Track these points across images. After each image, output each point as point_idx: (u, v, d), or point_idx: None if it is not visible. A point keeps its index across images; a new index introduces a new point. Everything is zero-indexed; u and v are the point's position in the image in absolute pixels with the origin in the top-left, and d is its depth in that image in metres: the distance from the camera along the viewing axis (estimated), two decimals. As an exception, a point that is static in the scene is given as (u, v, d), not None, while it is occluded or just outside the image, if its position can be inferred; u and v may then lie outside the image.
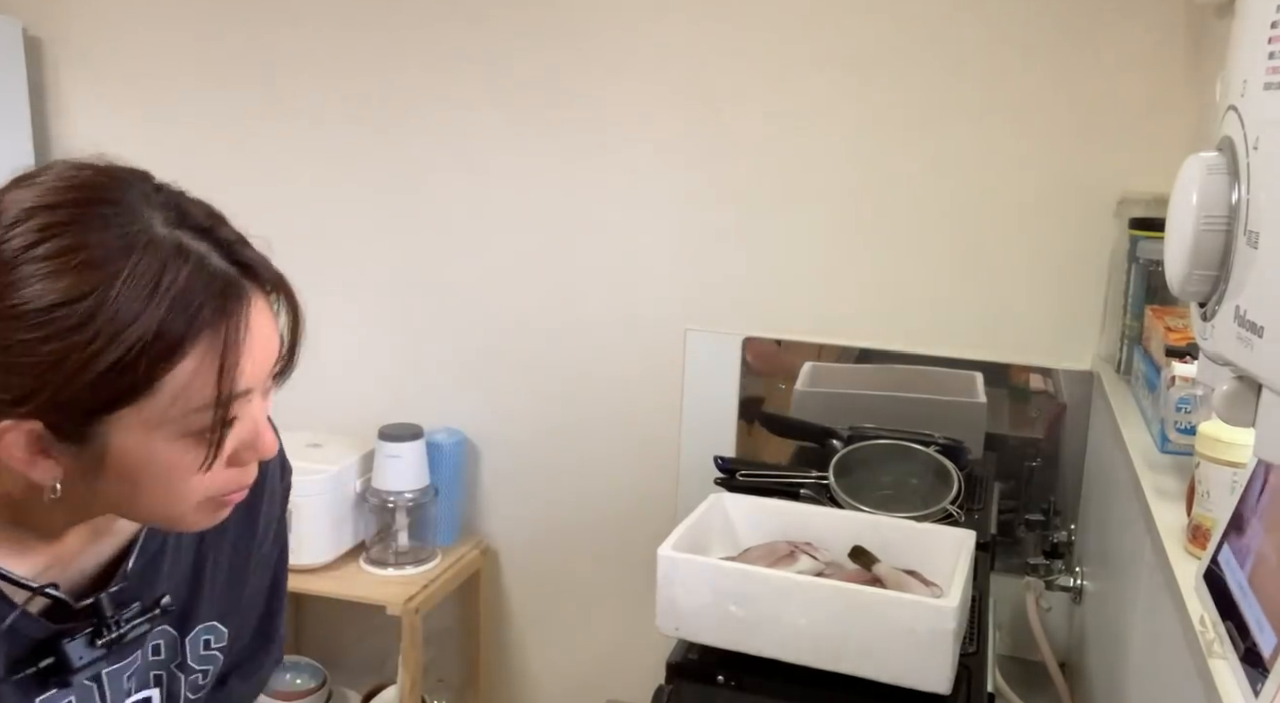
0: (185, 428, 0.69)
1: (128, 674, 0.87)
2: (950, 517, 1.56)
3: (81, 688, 0.83)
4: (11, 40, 2.29)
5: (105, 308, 0.64)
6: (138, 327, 0.64)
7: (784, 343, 2.03)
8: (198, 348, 0.67)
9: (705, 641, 1.32)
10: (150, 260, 0.66)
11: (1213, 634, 0.82)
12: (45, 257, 0.65)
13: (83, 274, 0.64)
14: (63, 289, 0.64)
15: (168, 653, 0.90)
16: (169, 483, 0.72)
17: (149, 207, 0.69)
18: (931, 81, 1.86)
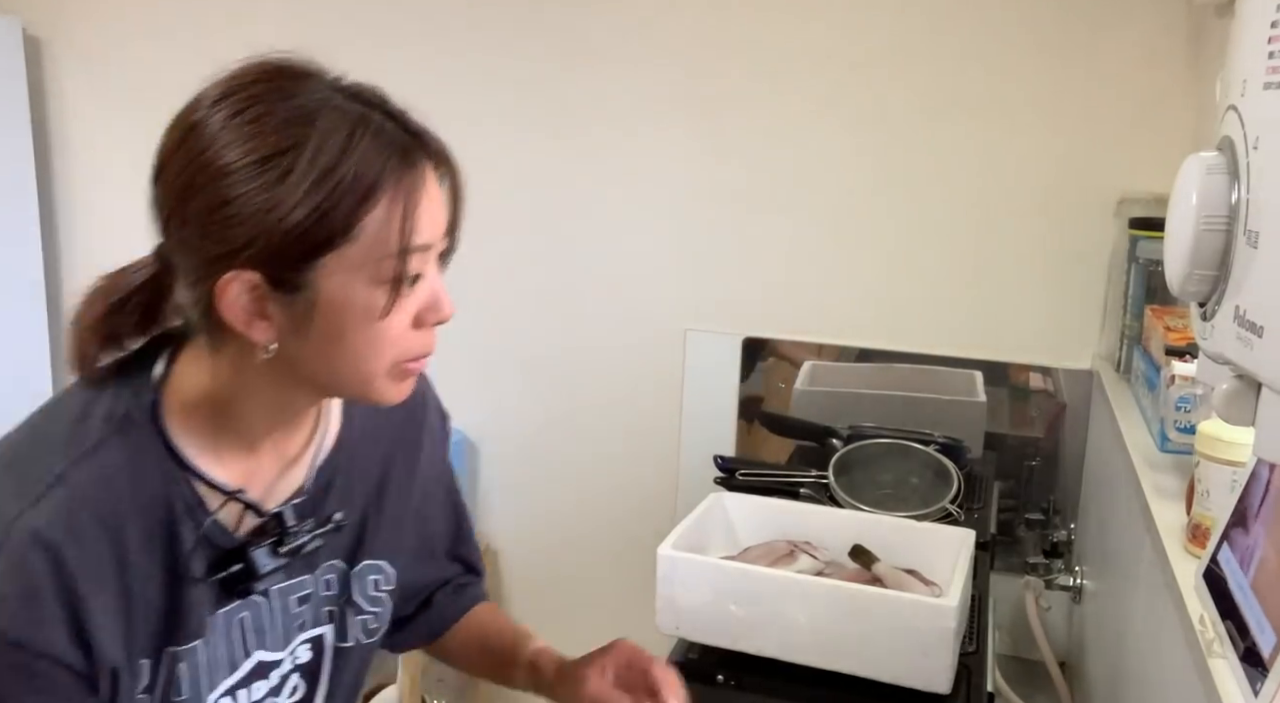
0: (379, 275, 0.76)
1: (298, 597, 0.92)
2: (950, 516, 1.56)
3: (254, 605, 0.88)
4: (11, 40, 2.29)
5: (307, 159, 0.72)
6: (336, 174, 0.73)
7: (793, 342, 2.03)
8: (386, 196, 0.75)
9: (705, 640, 1.32)
10: (339, 120, 0.74)
11: (1212, 634, 0.82)
12: (249, 121, 0.74)
13: (284, 132, 0.73)
14: (270, 145, 0.73)
15: (338, 588, 0.95)
16: (367, 334, 0.78)
17: (328, 83, 0.78)
18: (931, 81, 1.86)
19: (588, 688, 0.98)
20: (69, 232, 2.45)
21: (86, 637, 0.76)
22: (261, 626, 0.90)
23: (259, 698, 0.91)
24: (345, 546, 0.95)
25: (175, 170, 0.77)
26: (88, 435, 0.79)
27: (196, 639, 0.84)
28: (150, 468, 0.80)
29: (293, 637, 0.92)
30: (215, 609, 0.86)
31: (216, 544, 0.84)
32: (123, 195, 2.46)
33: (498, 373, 2.19)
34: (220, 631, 0.87)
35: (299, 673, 0.94)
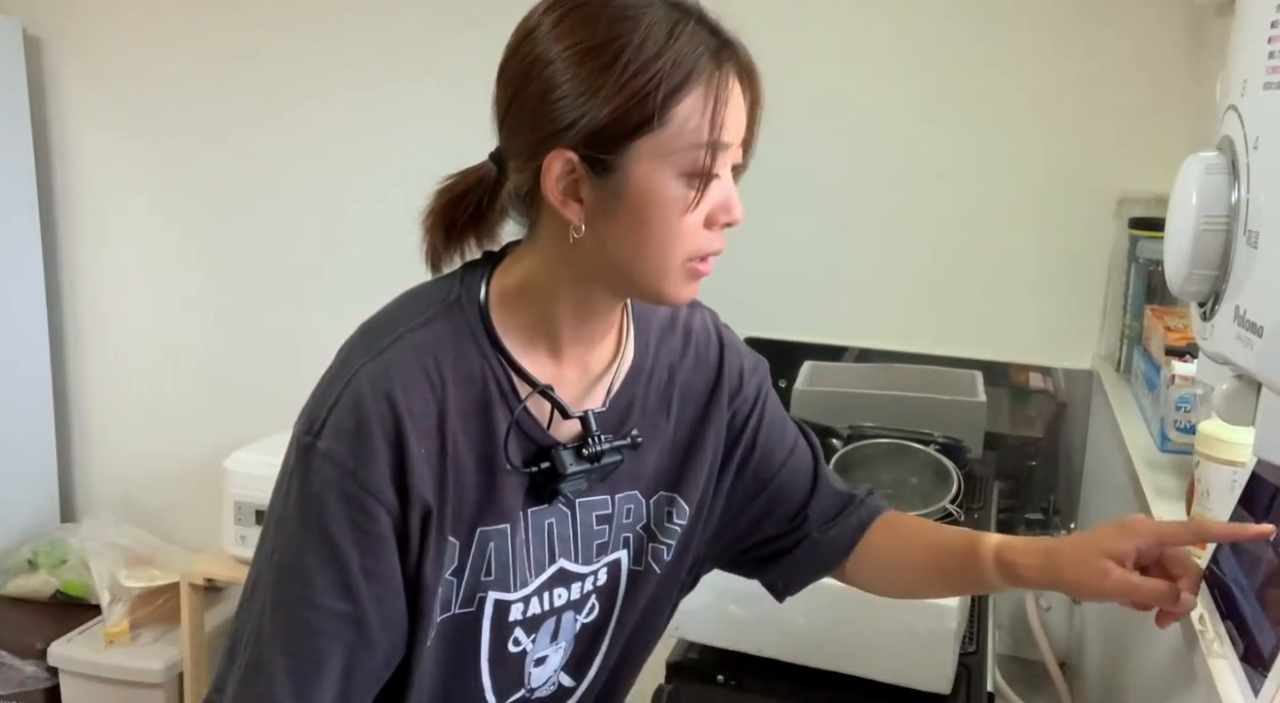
0: (684, 165, 0.82)
1: (598, 515, 0.97)
2: (950, 516, 1.56)
3: (560, 512, 0.94)
4: (11, 40, 2.29)
5: (630, 48, 0.79)
6: (654, 65, 0.79)
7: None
8: (698, 88, 0.81)
9: (705, 640, 1.32)
10: (661, 18, 0.81)
11: (1212, 634, 0.82)
12: (578, 21, 0.81)
13: (609, 27, 0.80)
14: (596, 37, 0.80)
15: (635, 516, 0.99)
16: (666, 223, 0.83)
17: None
18: (932, 81, 1.86)
19: (1110, 580, 0.88)
20: (69, 232, 2.45)
21: (405, 479, 0.83)
22: (566, 534, 0.94)
23: (559, 605, 0.96)
24: (641, 474, 0.99)
25: (513, 67, 0.84)
26: (423, 311, 0.89)
27: (505, 522, 0.90)
28: (472, 347, 0.88)
29: (592, 553, 0.97)
30: (525, 505, 0.91)
31: (527, 436, 0.90)
32: (122, 195, 2.47)
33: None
34: (530, 528, 0.92)
35: (597, 595, 0.99)
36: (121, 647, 2.16)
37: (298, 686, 0.82)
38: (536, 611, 0.94)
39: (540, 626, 0.96)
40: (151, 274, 2.40)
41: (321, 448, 0.82)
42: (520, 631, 0.95)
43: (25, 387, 2.42)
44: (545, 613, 0.95)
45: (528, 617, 0.94)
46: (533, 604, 0.94)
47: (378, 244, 2.22)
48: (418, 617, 0.87)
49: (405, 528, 0.84)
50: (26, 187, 2.36)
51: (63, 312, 2.49)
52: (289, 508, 0.84)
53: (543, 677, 0.99)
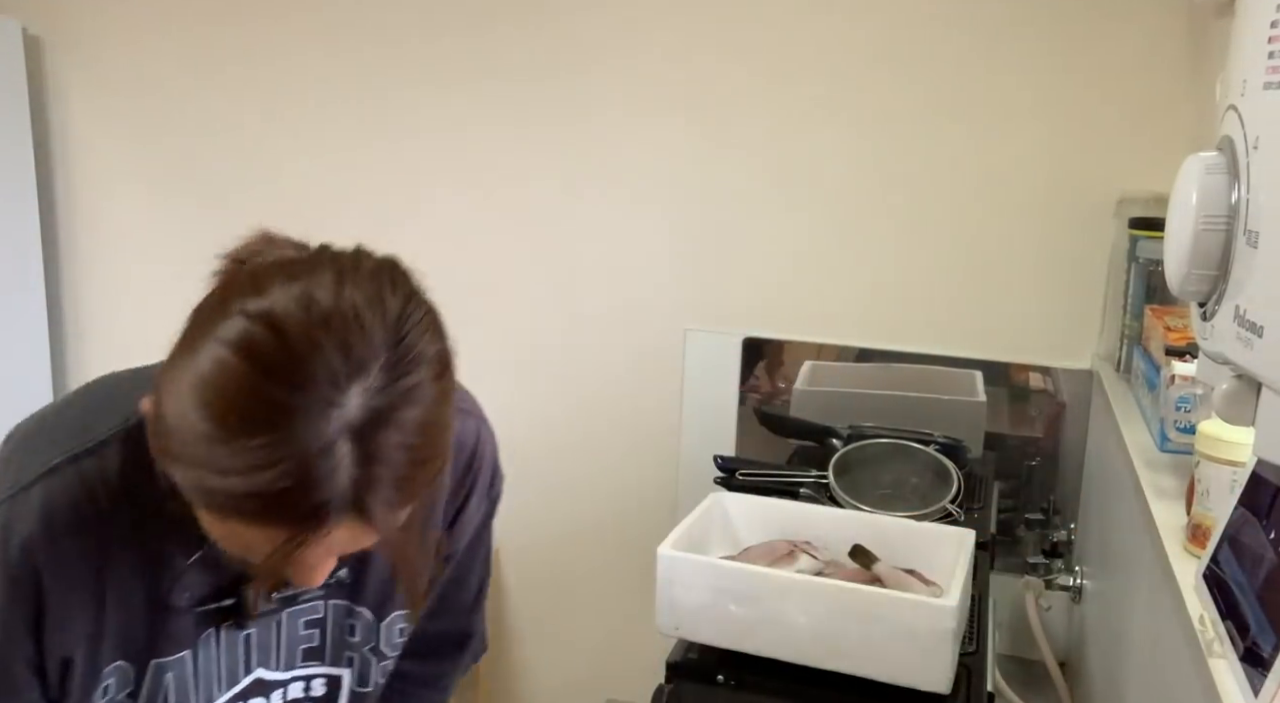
0: (231, 545, 0.71)
1: (306, 620, 0.90)
2: (950, 516, 1.56)
3: (263, 623, 0.87)
4: (11, 40, 2.29)
5: (218, 448, 0.65)
6: (223, 480, 0.65)
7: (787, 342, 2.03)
8: (267, 530, 0.67)
9: (705, 640, 1.32)
10: (289, 443, 0.64)
11: (1213, 634, 0.82)
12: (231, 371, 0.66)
13: (236, 412, 0.65)
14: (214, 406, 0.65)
15: (363, 636, 0.94)
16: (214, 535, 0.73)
17: (354, 395, 0.66)
18: (931, 80, 1.86)
19: None
20: (69, 232, 2.45)
21: (42, 633, 0.76)
22: (266, 643, 0.88)
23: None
24: (368, 591, 0.93)
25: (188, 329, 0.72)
26: (96, 430, 0.79)
27: (183, 651, 0.83)
28: (148, 486, 0.75)
29: (296, 658, 0.90)
30: (211, 626, 0.85)
31: (210, 575, 0.81)
32: (122, 195, 2.47)
33: (497, 372, 2.18)
34: (221, 644, 0.85)
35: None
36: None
37: None
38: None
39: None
40: (151, 274, 2.40)
41: None
42: None
43: (25, 387, 2.42)
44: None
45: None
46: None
47: (378, 245, 2.22)
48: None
49: (43, 667, 0.77)
50: (26, 186, 2.36)
51: (63, 311, 2.49)
52: None
53: None
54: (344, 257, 0.74)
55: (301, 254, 0.75)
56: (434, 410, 0.71)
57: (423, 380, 0.70)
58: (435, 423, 0.71)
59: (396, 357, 0.68)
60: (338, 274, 0.70)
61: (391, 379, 0.68)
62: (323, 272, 0.71)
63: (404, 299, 0.73)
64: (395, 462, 0.68)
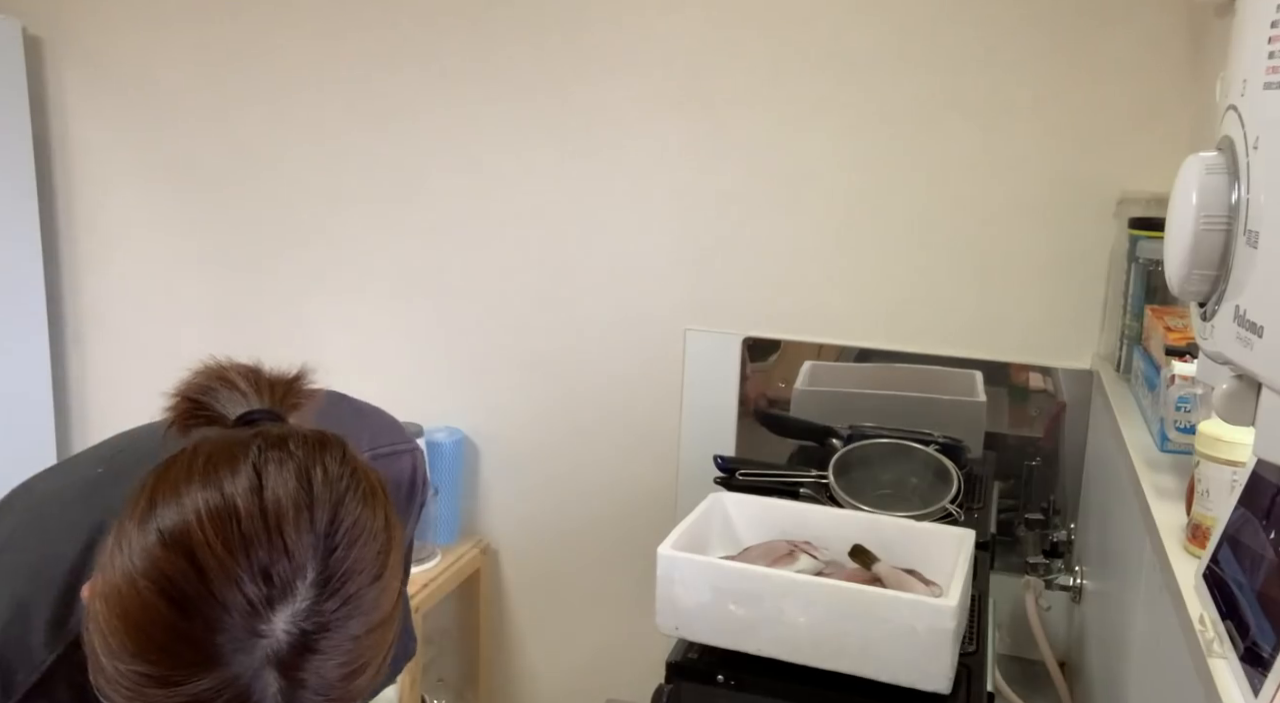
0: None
1: None
2: (950, 516, 1.56)
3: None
4: (11, 40, 2.29)
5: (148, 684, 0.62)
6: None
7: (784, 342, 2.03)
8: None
9: (705, 640, 1.32)
10: (209, 683, 0.62)
11: (1212, 634, 0.82)
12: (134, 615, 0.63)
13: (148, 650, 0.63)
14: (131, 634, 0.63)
15: None
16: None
17: (261, 623, 0.63)
18: (931, 81, 1.86)
19: None
20: (69, 231, 2.45)
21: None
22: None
23: None
24: None
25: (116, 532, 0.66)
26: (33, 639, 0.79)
27: None
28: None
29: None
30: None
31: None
32: (122, 195, 2.47)
33: (498, 373, 2.19)
34: None
35: None
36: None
37: None
38: None
39: None
40: (151, 273, 2.40)
41: None
42: None
43: (25, 387, 2.42)
44: None
45: None
46: None
47: (379, 244, 2.22)
48: None
49: None
50: (26, 186, 2.36)
51: (63, 311, 2.49)
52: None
53: None
54: (269, 443, 0.69)
55: (225, 439, 0.70)
56: (374, 614, 0.67)
57: (360, 587, 0.66)
58: (376, 626, 0.67)
59: (328, 570, 0.65)
60: (256, 476, 0.66)
61: (322, 596, 0.64)
62: (242, 470, 0.66)
63: (336, 493, 0.68)
64: (327, 680, 0.65)
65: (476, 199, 2.14)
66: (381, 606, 0.68)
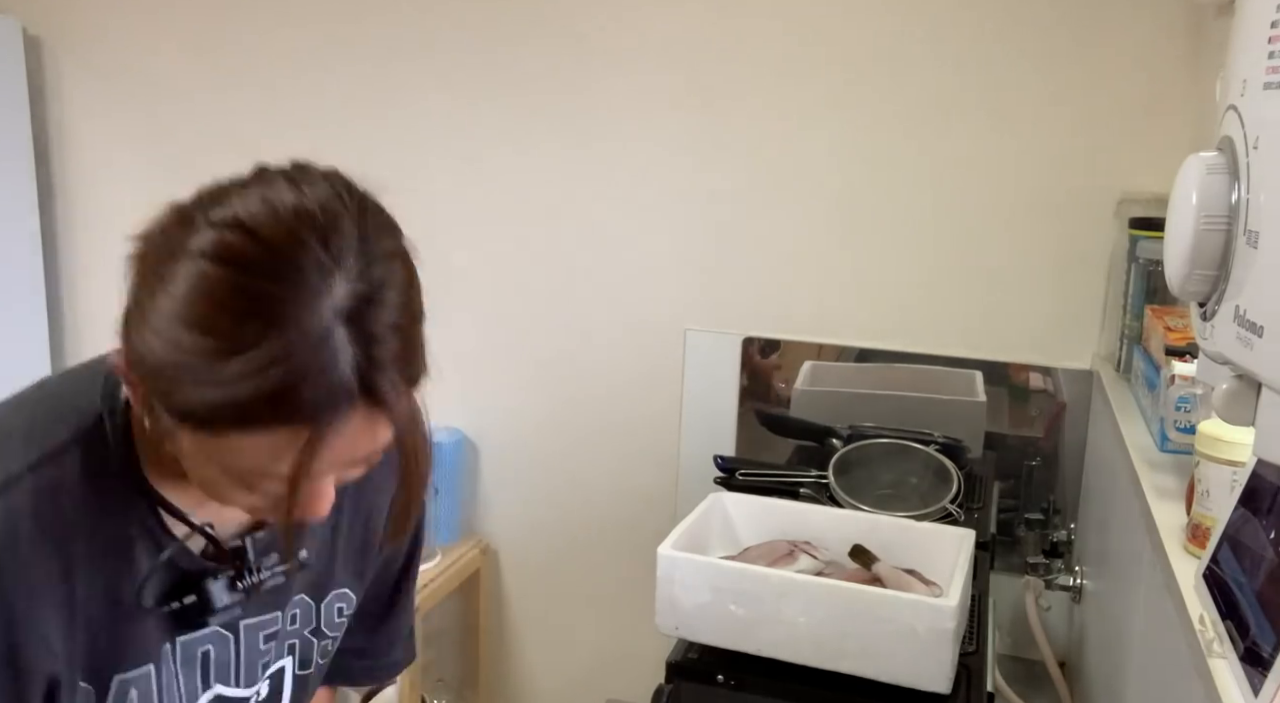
0: (237, 475, 0.71)
1: (265, 634, 0.90)
2: (950, 516, 1.56)
3: (219, 637, 0.86)
4: (11, 40, 2.29)
5: (219, 359, 0.65)
6: (233, 390, 0.65)
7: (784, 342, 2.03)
8: (274, 434, 0.67)
9: (705, 640, 1.32)
10: (287, 337, 0.65)
11: (1213, 634, 0.82)
12: (214, 280, 0.66)
13: (227, 315, 0.65)
14: (205, 317, 0.66)
15: (303, 621, 0.93)
16: (211, 493, 0.75)
17: (340, 280, 0.67)
18: (931, 81, 1.86)
19: None
20: (69, 232, 2.44)
21: (16, 648, 0.74)
22: (225, 660, 0.87)
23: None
24: (312, 580, 0.92)
25: (143, 267, 0.71)
26: (54, 436, 0.78)
27: (146, 664, 0.82)
28: (111, 486, 0.77)
29: (256, 674, 0.90)
30: (172, 637, 0.83)
31: (173, 570, 0.81)
32: (123, 195, 2.47)
33: (498, 373, 2.19)
34: (179, 660, 0.84)
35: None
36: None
37: None
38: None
39: None
40: (151, 274, 2.40)
41: None
42: None
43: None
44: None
45: None
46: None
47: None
48: None
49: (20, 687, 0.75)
50: (26, 186, 2.36)
51: (63, 311, 2.49)
52: None
53: None
54: (291, 167, 0.76)
55: (242, 176, 0.75)
56: (408, 293, 0.72)
57: (395, 266, 0.72)
58: (411, 305, 0.72)
59: (367, 245, 0.70)
60: (291, 180, 0.72)
61: (367, 264, 0.69)
62: (276, 180, 0.72)
63: (359, 196, 0.75)
64: (390, 342, 0.69)
65: (477, 199, 2.13)
66: (415, 292, 0.74)
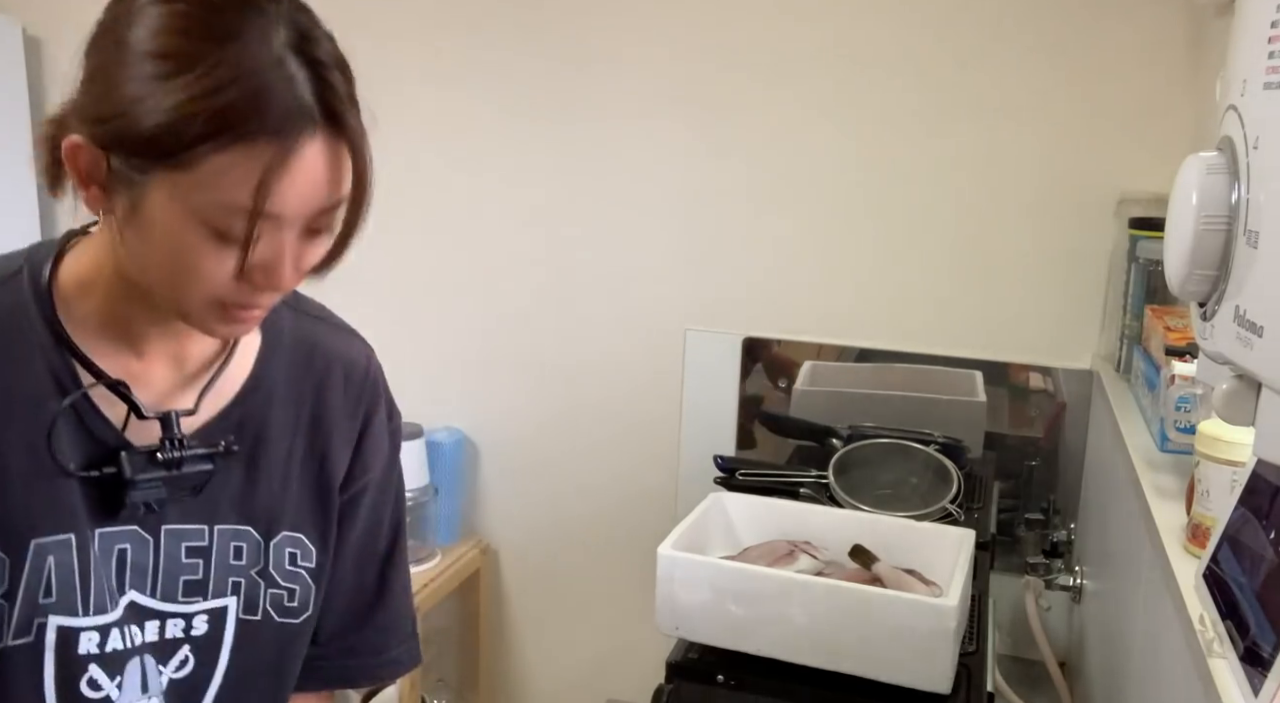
0: (209, 220, 0.73)
1: (189, 546, 0.87)
2: (950, 516, 1.56)
3: (138, 537, 0.84)
4: (11, 40, 2.29)
5: (189, 74, 0.70)
6: (206, 102, 0.69)
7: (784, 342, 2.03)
8: (243, 149, 0.70)
9: (705, 640, 1.32)
10: (246, 55, 0.71)
11: (1212, 634, 0.82)
12: (175, 14, 0.72)
13: (188, 39, 0.71)
14: (174, 46, 0.71)
15: (249, 559, 0.90)
16: (180, 265, 0.75)
17: (279, 17, 0.74)
18: (931, 81, 1.86)
19: None
20: (69, 232, 2.44)
21: None
22: (143, 565, 0.85)
23: (133, 646, 0.85)
24: (256, 508, 0.90)
25: (101, 25, 0.77)
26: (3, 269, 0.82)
27: (67, 533, 0.80)
28: (28, 331, 0.80)
29: (176, 590, 0.86)
30: (93, 520, 0.82)
31: (93, 437, 0.81)
32: (123, 195, 2.45)
33: (498, 373, 2.19)
34: (97, 550, 0.82)
35: (192, 646, 0.88)
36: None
37: None
38: (117, 646, 0.83)
39: (124, 667, 0.84)
40: (151, 274, 2.40)
41: None
42: (97, 668, 0.82)
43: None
44: (126, 651, 0.84)
45: (106, 652, 0.82)
46: (111, 638, 0.83)
47: (378, 242, 2.22)
48: None
49: None
50: (26, 187, 2.36)
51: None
52: None
53: None
54: None
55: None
56: (335, 44, 0.80)
57: (314, 17, 0.80)
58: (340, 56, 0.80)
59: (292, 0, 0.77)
60: None
61: (295, 11, 0.77)
62: None
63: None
64: (338, 74, 0.76)
65: (476, 198, 2.13)
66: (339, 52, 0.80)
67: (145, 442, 0.83)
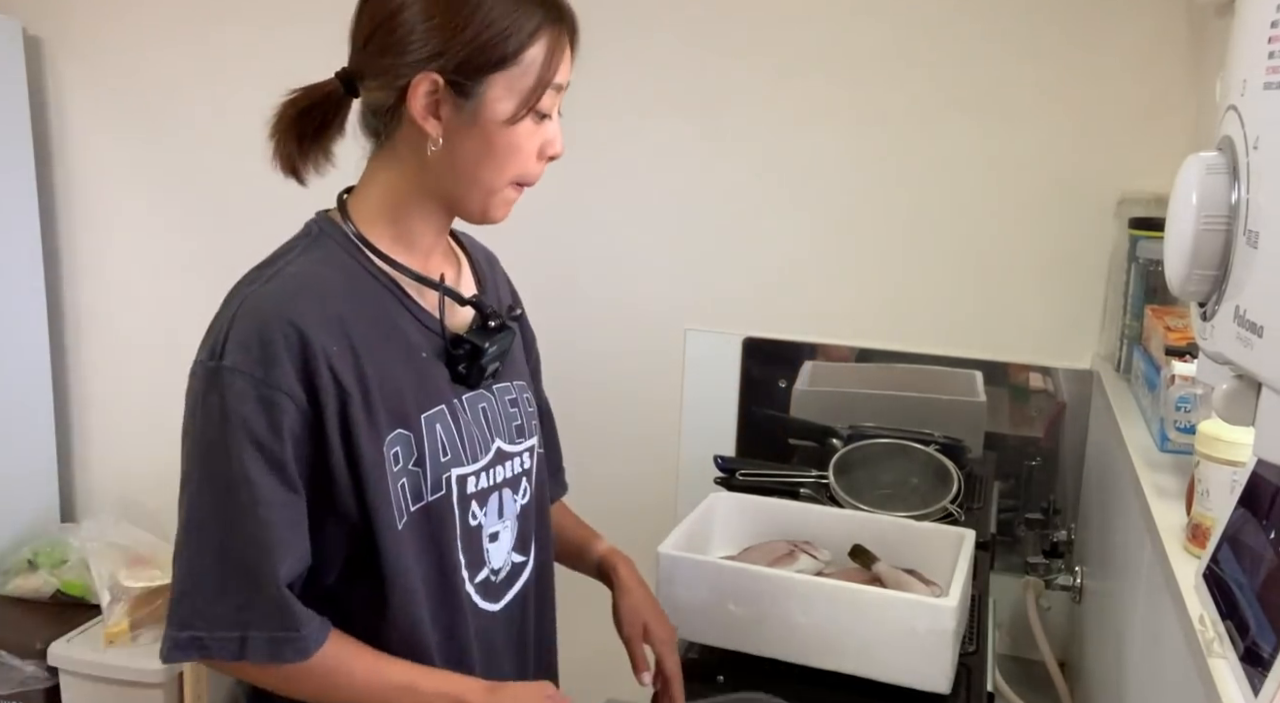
0: (528, 100, 0.98)
1: (509, 399, 1.11)
2: (950, 516, 1.56)
3: (487, 398, 1.08)
4: (11, 40, 2.29)
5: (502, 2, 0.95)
6: (513, 13, 0.96)
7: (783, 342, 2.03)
8: (544, 39, 0.98)
9: (705, 640, 1.33)
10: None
11: (1213, 634, 0.82)
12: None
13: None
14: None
15: (531, 405, 1.16)
16: (510, 145, 0.99)
17: None
18: (931, 81, 1.86)
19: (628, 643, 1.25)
20: (69, 232, 2.44)
21: (314, 378, 0.92)
22: (495, 417, 1.07)
23: (499, 482, 1.07)
24: (519, 366, 1.16)
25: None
26: (293, 248, 1.03)
27: (441, 404, 1.01)
28: (352, 262, 1.00)
29: (513, 433, 1.10)
30: (453, 392, 1.03)
31: (430, 331, 1.02)
32: (122, 195, 2.47)
33: (498, 373, 2.19)
34: (467, 412, 1.04)
35: (527, 477, 1.12)
36: (121, 647, 2.16)
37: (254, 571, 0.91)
38: (485, 484, 1.05)
39: (487, 500, 1.06)
40: (151, 274, 2.40)
41: (228, 365, 0.91)
42: (475, 504, 1.04)
43: (25, 387, 2.42)
44: (490, 487, 1.06)
45: (479, 489, 1.05)
46: (482, 478, 1.05)
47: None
48: (371, 510, 0.95)
49: (321, 418, 0.92)
50: (27, 186, 2.36)
51: (63, 311, 2.49)
52: (209, 428, 0.91)
53: (499, 556, 1.09)
54: None
55: None
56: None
57: None
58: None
59: None
60: None
61: None
62: None
63: None
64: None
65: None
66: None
67: (460, 328, 1.05)
